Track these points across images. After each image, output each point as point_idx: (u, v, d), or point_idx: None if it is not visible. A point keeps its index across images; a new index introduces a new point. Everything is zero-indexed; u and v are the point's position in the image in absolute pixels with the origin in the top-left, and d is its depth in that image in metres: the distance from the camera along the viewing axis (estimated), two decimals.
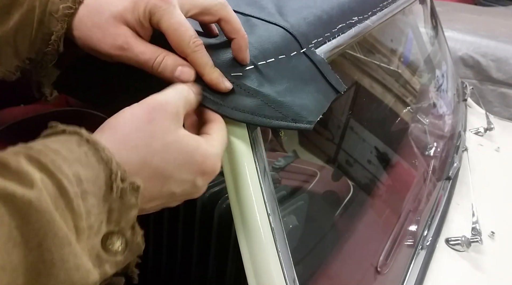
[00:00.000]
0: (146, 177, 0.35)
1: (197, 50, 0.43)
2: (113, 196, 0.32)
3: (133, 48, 0.43)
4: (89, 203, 0.31)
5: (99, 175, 0.32)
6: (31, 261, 0.27)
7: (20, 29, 0.44)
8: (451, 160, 1.22)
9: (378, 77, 1.15)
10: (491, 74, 2.52)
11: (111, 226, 0.33)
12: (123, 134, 0.36)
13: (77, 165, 0.31)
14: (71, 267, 0.28)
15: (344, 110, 1.04)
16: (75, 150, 0.32)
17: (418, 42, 1.41)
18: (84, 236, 0.30)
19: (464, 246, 0.93)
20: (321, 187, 0.93)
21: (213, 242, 0.78)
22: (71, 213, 0.30)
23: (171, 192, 0.38)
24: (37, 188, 0.28)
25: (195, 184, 0.40)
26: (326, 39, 0.62)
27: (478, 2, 4.00)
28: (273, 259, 0.51)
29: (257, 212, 0.50)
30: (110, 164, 0.33)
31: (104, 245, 0.32)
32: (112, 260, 0.33)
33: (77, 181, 0.31)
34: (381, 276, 0.84)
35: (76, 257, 0.29)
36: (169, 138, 0.37)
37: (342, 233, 0.89)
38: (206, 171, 0.40)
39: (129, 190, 0.33)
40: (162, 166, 0.37)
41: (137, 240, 0.35)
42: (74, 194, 0.30)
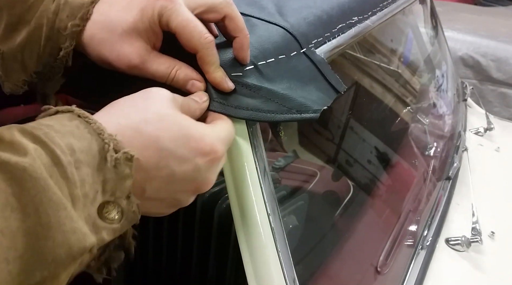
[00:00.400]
0: (139, 145, 0.35)
1: (208, 47, 0.44)
2: (107, 166, 0.33)
3: (148, 68, 0.44)
4: (83, 172, 0.31)
5: (92, 145, 0.33)
6: (29, 225, 0.27)
7: (28, 45, 0.45)
8: (451, 160, 1.22)
9: (378, 77, 1.15)
10: (491, 74, 2.52)
11: (106, 195, 0.33)
12: (118, 108, 0.37)
13: (69, 136, 0.32)
14: (68, 230, 0.29)
15: (344, 110, 1.04)
16: (67, 124, 0.33)
17: (418, 42, 1.41)
18: (79, 203, 0.31)
19: (464, 246, 0.93)
20: (321, 187, 0.94)
21: (213, 242, 0.79)
22: (66, 181, 0.30)
23: (170, 170, 0.37)
24: (30, 156, 0.29)
25: (196, 164, 0.38)
26: (326, 39, 0.62)
27: (478, 2, 4.00)
28: (273, 259, 0.51)
29: (257, 212, 0.50)
30: (102, 134, 0.33)
31: (101, 214, 0.33)
32: (109, 227, 0.33)
33: (70, 150, 0.31)
34: (381, 276, 0.84)
35: (72, 220, 0.29)
36: (164, 111, 0.38)
37: (342, 233, 0.89)
38: (205, 149, 0.38)
39: (123, 160, 0.33)
40: (156, 134, 0.36)
41: (133, 208, 0.35)
42: (68, 162, 0.30)
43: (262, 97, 0.47)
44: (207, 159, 0.39)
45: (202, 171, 0.39)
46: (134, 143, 0.35)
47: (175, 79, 0.44)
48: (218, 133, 0.41)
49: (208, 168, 0.39)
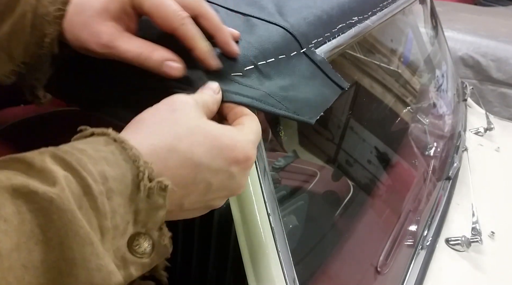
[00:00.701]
0: (175, 164, 0.34)
1: (184, 23, 0.42)
2: (140, 196, 0.31)
3: (118, 47, 0.42)
4: (114, 202, 0.30)
5: (126, 173, 0.31)
6: (53, 260, 0.26)
7: (13, 34, 0.44)
8: (451, 160, 1.22)
9: (378, 77, 1.15)
10: (491, 74, 2.52)
11: (138, 227, 0.32)
12: (148, 125, 0.36)
13: (103, 163, 0.31)
14: (93, 268, 0.28)
15: (344, 110, 1.04)
16: (101, 149, 0.32)
17: (418, 42, 1.41)
18: (109, 236, 0.30)
19: (464, 246, 0.93)
20: (321, 187, 0.93)
21: (213, 242, 0.78)
22: (95, 212, 0.29)
23: (206, 183, 0.36)
24: (59, 185, 0.28)
25: (231, 173, 0.38)
26: (326, 39, 0.62)
27: (478, 2, 4.00)
28: (273, 259, 0.51)
29: (257, 212, 0.50)
30: (137, 162, 0.32)
31: (130, 247, 0.31)
32: (138, 262, 0.32)
33: (103, 179, 0.30)
34: (381, 276, 0.84)
35: (98, 257, 0.28)
36: (193, 123, 0.37)
37: (342, 233, 0.89)
38: (238, 157, 0.38)
39: (157, 189, 0.32)
40: (190, 150, 0.35)
41: (165, 242, 0.33)
42: (99, 192, 0.29)
43: (263, 92, 0.47)
44: (241, 166, 0.38)
45: (237, 177, 0.39)
46: (169, 163, 0.34)
47: (148, 60, 0.42)
48: (248, 136, 0.40)
49: (242, 174, 0.39)
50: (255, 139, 0.41)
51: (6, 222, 0.25)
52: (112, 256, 0.30)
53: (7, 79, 0.46)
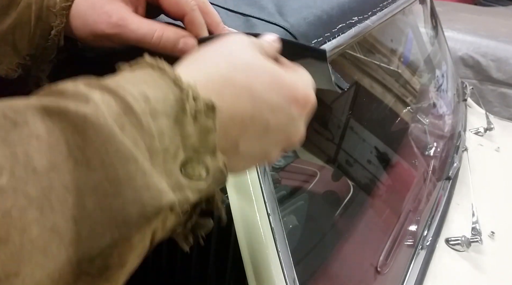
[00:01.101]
0: (232, 95, 0.31)
1: (195, 9, 0.42)
2: (187, 118, 0.28)
3: (129, 24, 0.41)
4: (160, 122, 0.27)
5: (168, 94, 0.28)
6: (95, 180, 0.24)
7: (18, 27, 0.44)
8: (451, 160, 1.22)
9: (378, 77, 1.15)
10: (491, 74, 2.52)
11: (189, 152, 0.28)
12: (201, 56, 0.34)
13: (142, 84, 0.28)
14: (140, 185, 0.25)
15: (344, 110, 1.04)
16: (138, 73, 0.29)
17: (418, 42, 1.41)
18: (159, 158, 0.27)
19: (464, 246, 0.93)
20: (321, 187, 0.94)
21: (213, 242, 0.79)
22: (141, 132, 0.26)
23: (264, 120, 0.33)
24: (92, 103, 0.25)
25: (290, 113, 0.34)
26: (326, 39, 0.62)
27: (478, 2, 4.00)
28: (273, 259, 0.51)
29: (257, 212, 0.50)
30: (179, 82, 0.29)
31: (183, 171, 0.28)
32: (194, 186, 0.28)
33: (144, 98, 0.27)
34: (381, 276, 0.84)
35: (144, 175, 0.25)
36: (252, 58, 0.34)
37: (342, 233, 0.89)
38: (298, 97, 0.35)
39: (204, 110, 0.29)
40: (248, 81, 0.32)
41: (220, 165, 0.30)
42: (142, 111, 0.26)
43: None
44: (300, 107, 0.35)
45: (296, 120, 0.35)
46: (225, 92, 0.31)
47: (164, 39, 0.40)
48: (307, 80, 0.38)
49: (300, 118, 0.36)
50: (312, 83, 0.38)
51: (39, 139, 0.23)
52: (166, 178, 0.27)
53: (13, 72, 0.46)
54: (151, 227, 0.26)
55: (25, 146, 0.22)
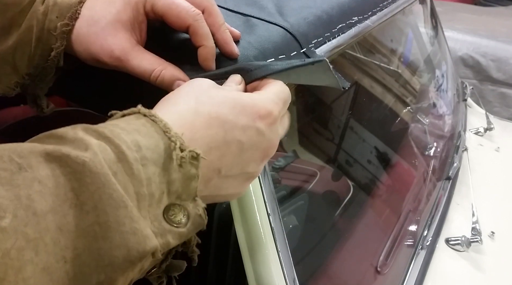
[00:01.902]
0: (203, 125, 0.35)
1: (198, 19, 0.43)
2: (173, 166, 0.31)
3: (130, 60, 0.43)
4: (149, 170, 0.30)
5: (158, 143, 0.32)
6: (87, 223, 0.26)
7: (19, 47, 0.44)
8: (451, 159, 1.22)
9: (378, 77, 1.15)
10: (491, 74, 2.52)
11: (172, 198, 0.32)
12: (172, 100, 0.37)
13: (135, 134, 0.31)
14: (127, 231, 0.27)
15: (344, 110, 1.04)
16: (133, 122, 0.32)
17: (418, 42, 1.41)
18: (145, 203, 0.29)
19: (464, 246, 0.93)
20: (321, 187, 0.94)
21: (213, 242, 0.79)
22: (131, 178, 0.29)
23: (237, 141, 0.36)
24: (91, 150, 0.28)
25: (258, 128, 0.37)
26: (326, 39, 0.62)
27: (478, 2, 4.00)
28: (273, 259, 0.51)
29: (257, 212, 0.50)
30: (168, 133, 0.32)
31: (166, 216, 0.31)
32: (175, 231, 0.31)
33: (136, 147, 0.30)
34: (381, 276, 0.84)
35: (132, 220, 0.27)
36: (212, 91, 0.38)
37: (342, 233, 0.89)
38: (260, 112, 0.38)
39: (189, 158, 0.32)
40: (214, 110, 0.36)
41: (199, 212, 0.33)
42: (134, 159, 0.29)
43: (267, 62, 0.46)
44: (266, 122, 0.38)
45: (265, 134, 0.38)
46: (197, 124, 0.34)
47: (160, 78, 0.43)
48: (266, 95, 0.40)
49: (269, 130, 0.39)
50: (276, 97, 0.41)
51: (41, 183, 0.25)
52: (149, 223, 0.29)
53: (11, 91, 0.47)
54: (134, 270, 0.28)
55: (28, 189, 0.25)
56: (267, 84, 0.43)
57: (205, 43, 0.44)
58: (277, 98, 0.41)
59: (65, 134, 0.29)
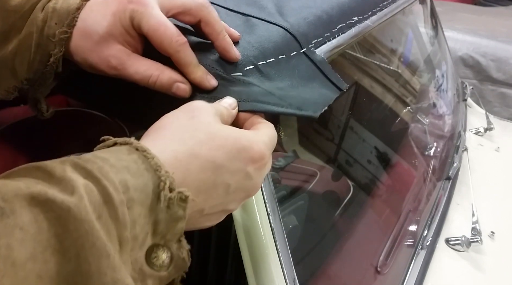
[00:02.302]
0: (197, 169, 0.35)
1: (179, 50, 0.43)
2: (160, 206, 0.31)
3: (127, 68, 0.43)
4: (135, 212, 0.30)
5: (148, 183, 0.31)
6: (68, 271, 0.26)
7: (18, 53, 0.45)
8: (451, 160, 1.22)
9: (378, 77, 1.15)
10: (491, 74, 2.52)
11: (156, 238, 0.32)
12: (169, 132, 0.37)
13: (125, 172, 0.31)
14: (108, 281, 0.27)
15: (344, 110, 1.04)
16: (124, 158, 0.32)
17: (418, 42, 1.41)
18: (127, 247, 0.29)
19: (464, 246, 0.93)
20: (321, 187, 0.94)
21: (213, 242, 0.78)
22: (115, 222, 0.29)
23: (225, 184, 0.37)
24: (77, 195, 0.27)
25: (247, 173, 0.38)
26: (326, 39, 0.62)
27: (478, 2, 4.00)
28: (273, 259, 0.51)
29: (257, 212, 0.50)
30: (159, 171, 0.32)
31: (148, 259, 0.31)
32: (155, 275, 0.31)
33: (124, 188, 0.30)
34: (381, 276, 0.84)
35: (114, 270, 0.27)
36: (213, 128, 0.38)
37: (342, 233, 0.89)
38: (254, 157, 0.39)
39: (177, 200, 0.32)
40: (211, 154, 0.36)
41: (183, 255, 0.33)
42: (120, 201, 0.29)
43: (263, 90, 0.47)
44: (257, 165, 0.39)
45: (253, 177, 0.39)
46: (191, 167, 0.35)
47: (159, 82, 0.44)
48: (262, 138, 0.41)
49: (257, 174, 0.40)
50: (269, 142, 0.41)
51: (22, 230, 0.25)
52: (130, 268, 0.29)
53: (9, 95, 0.47)
54: None
55: (8, 238, 0.24)
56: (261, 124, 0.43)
57: (190, 72, 0.44)
58: (270, 143, 0.41)
59: (53, 171, 0.28)
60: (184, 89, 0.45)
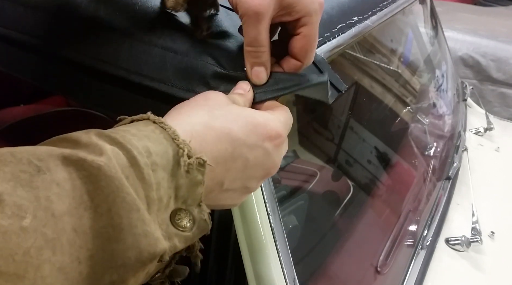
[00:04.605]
0: (213, 139, 0.36)
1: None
2: (181, 171, 0.32)
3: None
4: (159, 175, 0.31)
5: (167, 149, 0.33)
6: (101, 225, 0.27)
7: None
8: (451, 159, 1.22)
9: (378, 77, 1.15)
10: (491, 74, 2.52)
11: (178, 203, 0.33)
12: (185, 109, 0.38)
13: (145, 140, 0.32)
14: (139, 233, 0.28)
15: (344, 110, 1.04)
16: (143, 128, 0.33)
17: (418, 42, 1.41)
18: (154, 207, 0.30)
19: (464, 246, 0.94)
20: (321, 187, 0.94)
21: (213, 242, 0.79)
22: (142, 182, 0.30)
23: (244, 158, 0.37)
24: (106, 155, 0.29)
25: (265, 149, 0.39)
26: (326, 39, 0.62)
27: (478, 2, 4.00)
28: (273, 259, 0.51)
29: (257, 212, 0.50)
30: (177, 140, 0.33)
31: (173, 221, 0.32)
32: (181, 235, 0.32)
33: (147, 152, 0.31)
34: (381, 276, 0.84)
35: (144, 223, 0.29)
36: (227, 107, 0.39)
37: (342, 233, 0.89)
38: (271, 134, 0.39)
39: (196, 165, 0.33)
40: (226, 126, 0.37)
41: (204, 217, 0.34)
42: (145, 164, 0.30)
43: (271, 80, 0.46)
44: (274, 143, 0.39)
45: (271, 154, 0.39)
46: (208, 138, 0.35)
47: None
48: (278, 117, 0.41)
49: (275, 151, 0.40)
50: (285, 121, 0.42)
51: (59, 186, 0.26)
52: (158, 226, 0.30)
53: (179, 7, 0.46)
54: (145, 271, 0.29)
55: (47, 191, 0.26)
56: (276, 107, 0.44)
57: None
58: (286, 123, 0.42)
59: (79, 139, 0.30)
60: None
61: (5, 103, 1.08)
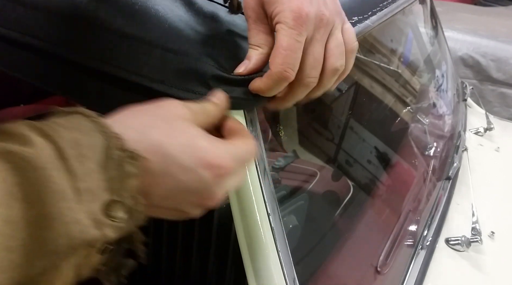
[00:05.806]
0: (143, 148, 0.35)
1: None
2: (112, 164, 0.32)
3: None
4: (86, 166, 0.31)
5: (97, 142, 0.33)
6: (31, 215, 0.28)
7: None
8: (451, 159, 1.22)
9: (378, 77, 1.15)
10: (491, 74, 2.52)
11: (113, 194, 0.32)
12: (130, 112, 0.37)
13: (75, 131, 0.32)
14: (69, 221, 0.29)
15: (344, 110, 1.04)
16: (73, 120, 0.34)
17: (418, 42, 1.41)
18: (82, 197, 0.31)
19: (464, 246, 0.93)
20: (321, 187, 0.94)
21: (213, 242, 0.79)
22: (69, 173, 0.30)
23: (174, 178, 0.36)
24: (35, 147, 0.30)
25: (202, 176, 0.36)
26: None
27: (478, 2, 4.00)
28: (273, 259, 0.51)
29: (257, 212, 0.50)
30: (108, 132, 0.33)
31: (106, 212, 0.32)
32: (112, 225, 0.32)
33: (75, 144, 0.32)
34: (381, 276, 0.84)
35: (73, 211, 0.29)
36: (175, 121, 0.37)
37: (342, 233, 0.89)
38: (211, 162, 0.36)
39: (128, 158, 0.33)
40: (161, 139, 0.36)
41: (139, 208, 0.34)
42: (72, 155, 0.31)
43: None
44: (214, 172, 0.37)
45: (209, 184, 0.37)
46: (138, 145, 0.34)
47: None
48: (230, 149, 0.39)
49: (214, 182, 0.37)
50: (239, 154, 0.39)
51: None
52: (87, 215, 0.31)
53: None
54: (76, 257, 0.30)
55: None
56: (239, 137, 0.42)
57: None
58: (239, 156, 0.39)
59: (11, 130, 0.31)
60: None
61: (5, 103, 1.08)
